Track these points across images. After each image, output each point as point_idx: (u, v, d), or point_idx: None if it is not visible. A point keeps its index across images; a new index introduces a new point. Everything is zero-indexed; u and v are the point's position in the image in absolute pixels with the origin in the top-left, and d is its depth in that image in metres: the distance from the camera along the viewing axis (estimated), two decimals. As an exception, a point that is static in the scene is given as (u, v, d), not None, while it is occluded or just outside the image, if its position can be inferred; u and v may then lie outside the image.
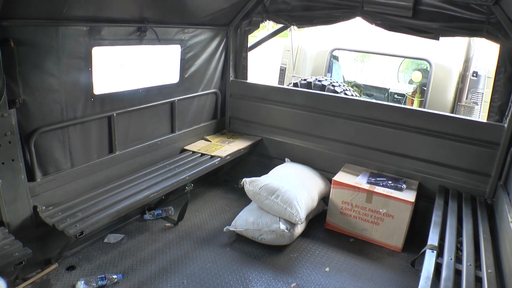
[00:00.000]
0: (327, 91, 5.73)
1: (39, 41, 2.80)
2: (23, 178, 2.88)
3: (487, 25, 3.49)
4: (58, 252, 3.20)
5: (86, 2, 2.94)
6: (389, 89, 7.50)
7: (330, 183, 4.12)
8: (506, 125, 3.57)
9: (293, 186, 3.85)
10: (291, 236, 3.70)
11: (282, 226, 3.64)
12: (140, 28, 3.53)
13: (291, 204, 3.69)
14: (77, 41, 3.07)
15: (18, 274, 2.93)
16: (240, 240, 3.78)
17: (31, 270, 3.08)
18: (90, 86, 3.29)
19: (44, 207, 3.07)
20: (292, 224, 3.75)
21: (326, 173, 4.43)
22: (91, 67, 3.24)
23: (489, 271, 2.62)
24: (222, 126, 5.10)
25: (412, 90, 7.12)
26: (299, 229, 3.86)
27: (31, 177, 2.99)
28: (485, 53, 6.69)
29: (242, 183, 3.96)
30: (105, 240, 3.63)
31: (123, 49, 3.60)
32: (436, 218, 3.39)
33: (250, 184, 3.88)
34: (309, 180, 4.20)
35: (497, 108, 3.72)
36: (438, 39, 3.81)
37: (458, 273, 2.68)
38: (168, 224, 4.01)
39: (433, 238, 3.08)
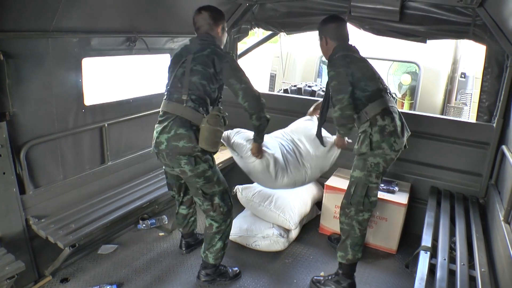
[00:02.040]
0: (317, 97, 5.76)
1: (29, 53, 2.80)
2: (15, 191, 2.87)
3: (473, 27, 3.54)
4: (52, 264, 3.18)
5: (76, 14, 2.94)
6: None
7: (323, 188, 4.13)
8: (495, 125, 3.62)
9: (286, 192, 3.85)
10: (285, 242, 3.71)
11: (276, 232, 3.65)
12: (130, 38, 3.54)
13: (284, 210, 3.70)
14: (67, 52, 3.08)
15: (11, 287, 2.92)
16: (234, 247, 3.77)
17: (24, 283, 3.04)
18: (80, 97, 3.29)
19: (37, 220, 3.05)
20: (286, 230, 3.76)
21: (319, 178, 4.43)
22: (81, 78, 3.24)
23: (482, 270, 2.64)
24: (214, 134, 5.08)
25: (402, 93, 7.18)
26: (293, 234, 3.87)
27: (23, 189, 2.97)
28: (472, 54, 6.78)
29: (234, 190, 3.96)
30: (99, 251, 3.61)
31: (113, 59, 3.61)
32: (429, 219, 3.42)
33: (242, 191, 3.88)
34: (302, 185, 4.28)
35: (485, 108, 3.77)
36: (425, 42, 3.86)
37: (452, 273, 2.71)
38: (162, 233, 3.99)
39: (426, 239, 3.10)
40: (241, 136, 3.49)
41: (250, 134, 3.35)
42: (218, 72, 2.87)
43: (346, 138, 3.51)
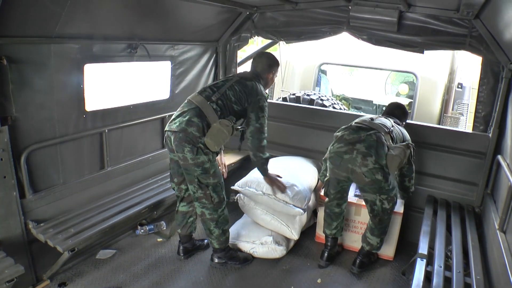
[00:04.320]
0: (315, 105, 5.80)
1: (32, 58, 2.84)
2: (15, 195, 2.89)
3: (469, 39, 3.60)
4: (50, 268, 3.19)
5: (78, 20, 2.99)
6: (377, 102, 7.61)
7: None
8: (490, 135, 3.66)
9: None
10: (283, 250, 3.73)
11: (273, 240, 3.68)
12: (131, 45, 3.58)
13: (287, 219, 3.72)
14: (69, 58, 3.11)
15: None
16: (233, 254, 3.79)
17: (22, 287, 3.04)
18: (81, 102, 3.32)
19: (36, 224, 3.07)
20: (284, 238, 3.78)
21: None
22: (82, 84, 3.27)
23: (477, 277, 2.67)
24: (212, 141, 5.11)
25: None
26: (291, 242, 3.89)
27: (23, 193, 2.99)
28: (469, 65, 6.84)
29: (236, 197, 3.98)
30: (97, 256, 3.62)
31: (114, 65, 3.64)
32: (425, 227, 3.45)
33: (244, 198, 3.89)
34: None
35: (481, 119, 3.82)
36: (422, 52, 3.92)
37: (447, 281, 2.73)
38: (160, 239, 4.01)
39: (422, 247, 3.13)
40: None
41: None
42: (248, 101, 3.33)
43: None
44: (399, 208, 3.80)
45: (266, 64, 3.58)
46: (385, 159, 3.22)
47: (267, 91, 3.63)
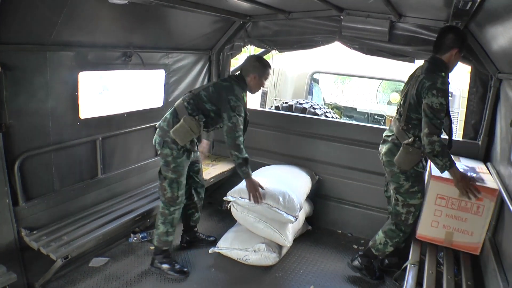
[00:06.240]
0: (308, 114, 5.85)
1: (27, 65, 2.86)
2: (7, 202, 2.88)
3: (459, 49, 3.66)
4: (42, 276, 3.17)
5: (74, 28, 3.01)
6: (369, 110, 7.68)
7: (313, 204, 4.18)
8: (480, 143, 3.72)
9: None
10: (276, 258, 3.73)
11: (266, 247, 3.68)
12: (126, 53, 3.61)
13: (279, 227, 3.73)
14: (64, 65, 3.13)
15: (2, 299, 2.90)
16: (226, 261, 3.79)
17: (14, 295, 3.04)
18: (76, 110, 3.33)
19: (29, 231, 3.07)
20: (277, 246, 3.79)
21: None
22: (77, 91, 3.29)
23: (468, 283, 2.70)
24: (206, 149, 5.13)
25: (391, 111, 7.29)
26: (284, 249, 3.90)
27: (16, 201, 2.98)
28: (458, 74, 6.91)
29: (229, 205, 3.99)
30: (90, 264, 3.60)
31: (109, 73, 3.66)
32: (417, 234, 3.48)
33: (237, 206, 3.89)
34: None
35: (471, 127, 3.88)
36: (413, 61, 3.97)
37: (439, 286, 2.76)
38: (153, 247, 3.99)
39: (414, 254, 3.16)
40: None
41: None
42: (221, 101, 3.44)
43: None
44: (493, 184, 3.01)
45: (250, 65, 3.61)
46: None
47: (255, 97, 3.67)
